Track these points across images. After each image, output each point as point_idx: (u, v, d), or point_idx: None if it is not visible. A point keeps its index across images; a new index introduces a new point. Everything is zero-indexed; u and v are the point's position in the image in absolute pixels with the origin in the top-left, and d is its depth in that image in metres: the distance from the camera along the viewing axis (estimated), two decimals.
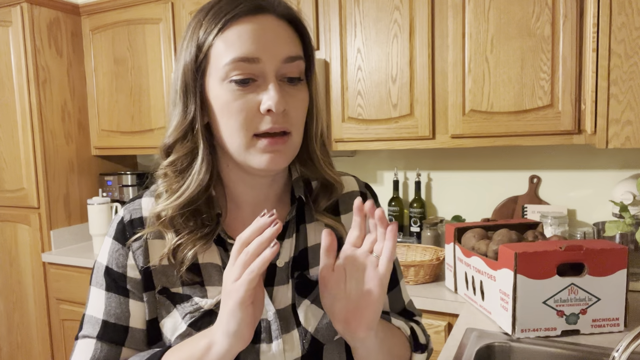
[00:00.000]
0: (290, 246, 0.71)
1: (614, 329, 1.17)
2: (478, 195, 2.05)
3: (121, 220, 0.70)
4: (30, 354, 2.46)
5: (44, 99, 2.30)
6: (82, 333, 0.69)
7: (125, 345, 0.68)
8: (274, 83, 0.61)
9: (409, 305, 0.83)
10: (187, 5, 2.18)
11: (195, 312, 0.67)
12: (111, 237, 0.70)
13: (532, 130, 1.62)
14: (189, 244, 0.66)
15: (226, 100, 0.62)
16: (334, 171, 0.75)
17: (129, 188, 2.49)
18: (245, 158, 0.64)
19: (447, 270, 1.57)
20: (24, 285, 2.43)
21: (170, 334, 0.68)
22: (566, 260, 1.14)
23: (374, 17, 1.82)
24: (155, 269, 0.68)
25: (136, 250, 0.68)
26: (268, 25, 0.62)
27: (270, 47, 0.61)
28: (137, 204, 0.71)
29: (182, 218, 0.66)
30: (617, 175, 1.82)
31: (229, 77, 0.61)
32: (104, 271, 0.69)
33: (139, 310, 0.69)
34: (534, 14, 1.58)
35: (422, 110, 1.78)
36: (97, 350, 0.67)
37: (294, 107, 0.64)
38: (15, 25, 2.24)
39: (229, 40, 0.61)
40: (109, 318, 0.68)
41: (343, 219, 0.76)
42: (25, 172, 2.31)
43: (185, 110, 0.64)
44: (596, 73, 1.31)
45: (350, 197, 0.77)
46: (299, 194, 0.72)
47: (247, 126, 0.62)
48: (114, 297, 0.68)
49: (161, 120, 2.31)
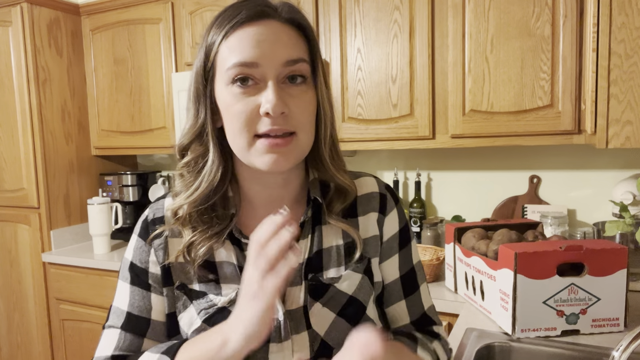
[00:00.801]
0: (305, 247, 0.72)
1: (614, 329, 1.17)
2: (478, 195, 2.05)
3: (145, 219, 0.75)
4: (30, 354, 2.46)
5: (44, 99, 2.30)
6: (109, 323, 0.74)
7: (146, 336, 0.72)
8: (273, 86, 0.62)
9: (429, 311, 0.80)
10: (187, 5, 2.18)
11: (209, 308, 0.69)
12: (136, 234, 0.75)
13: (532, 130, 1.62)
14: (202, 241, 0.69)
15: (230, 103, 0.64)
16: (345, 176, 0.74)
17: (129, 188, 2.49)
18: (249, 159, 0.66)
19: (447, 270, 1.57)
20: (24, 285, 2.43)
21: (187, 328, 0.70)
22: (566, 260, 1.15)
23: (374, 17, 1.82)
24: (174, 265, 0.71)
25: (157, 247, 0.72)
26: (269, 30, 0.63)
27: (270, 51, 0.63)
28: (161, 204, 0.75)
29: (197, 215, 0.69)
30: (617, 175, 1.82)
31: (231, 81, 0.64)
32: (129, 266, 0.74)
33: (160, 303, 0.72)
34: (534, 14, 1.58)
35: (422, 110, 1.78)
36: (121, 340, 0.71)
37: (298, 107, 0.64)
38: (15, 25, 2.24)
39: (231, 46, 0.63)
40: (132, 310, 0.72)
41: (361, 220, 0.76)
42: (25, 172, 2.31)
43: (197, 115, 0.68)
44: (596, 73, 1.31)
45: (369, 199, 0.77)
46: (315, 195, 0.73)
47: (248, 127, 0.64)
48: (137, 290, 0.73)
49: (161, 120, 2.31)
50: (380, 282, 0.77)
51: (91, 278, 2.24)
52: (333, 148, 0.72)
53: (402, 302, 0.78)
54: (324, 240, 0.73)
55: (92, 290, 2.25)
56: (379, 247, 0.76)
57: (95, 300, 2.25)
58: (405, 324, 0.79)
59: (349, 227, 0.72)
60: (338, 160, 0.73)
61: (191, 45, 2.21)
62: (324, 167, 0.72)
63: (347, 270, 0.72)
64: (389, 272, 0.77)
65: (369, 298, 0.73)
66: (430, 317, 0.80)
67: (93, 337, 2.30)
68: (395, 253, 0.78)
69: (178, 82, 2.15)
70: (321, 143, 0.70)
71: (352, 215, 0.76)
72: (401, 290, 0.78)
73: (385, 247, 0.77)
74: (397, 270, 0.78)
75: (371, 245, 0.75)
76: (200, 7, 2.15)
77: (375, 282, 0.75)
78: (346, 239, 0.73)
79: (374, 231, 0.76)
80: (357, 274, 0.73)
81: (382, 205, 0.77)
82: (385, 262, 0.77)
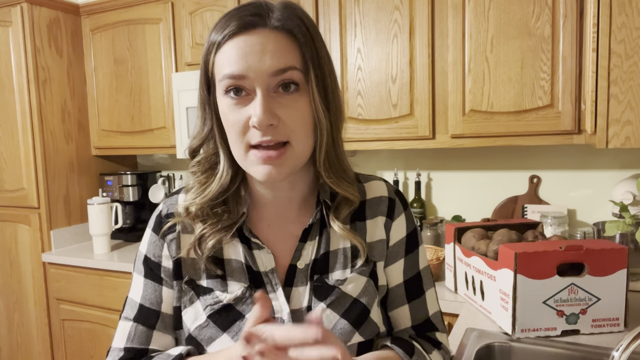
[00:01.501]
0: (312, 248, 0.72)
1: (614, 329, 1.17)
2: (478, 195, 2.05)
3: (159, 214, 0.77)
4: (30, 354, 2.46)
5: (44, 99, 2.30)
6: (124, 314, 0.76)
7: (155, 328, 0.74)
8: (261, 99, 0.62)
9: (433, 317, 0.80)
10: (187, 5, 2.18)
11: (215, 304, 0.70)
12: (150, 228, 0.77)
13: (532, 130, 1.62)
14: (212, 234, 0.70)
15: (225, 113, 0.66)
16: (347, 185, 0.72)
17: (129, 188, 2.49)
18: (246, 168, 0.67)
19: (447, 270, 1.57)
20: (24, 285, 2.43)
21: (190, 322, 0.71)
22: (566, 260, 1.15)
23: (374, 17, 1.82)
24: (185, 260, 0.73)
25: (170, 242, 0.74)
26: (257, 41, 0.63)
27: (256, 62, 0.62)
28: (174, 199, 0.77)
29: (209, 209, 0.71)
30: (617, 175, 1.82)
31: (225, 92, 0.65)
32: (143, 259, 0.76)
33: (170, 297, 0.74)
34: (534, 14, 1.58)
35: (422, 110, 1.78)
36: (132, 332, 0.74)
37: (289, 116, 0.64)
38: (15, 25, 2.24)
39: (223, 57, 0.64)
40: (144, 302, 0.74)
41: (368, 224, 0.76)
42: (25, 172, 2.31)
43: (204, 122, 0.70)
44: (596, 73, 1.31)
45: (378, 203, 0.77)
46: (324, 198, 0.73)
47: (242, 138, 0.65)
48: (150, 283, 0.75)
49: (161, 120, 2.32)
50: (385, 285, 0.77)
51: (91, 278, 2.24)
52: (334, 156, 0.70)
53: (406, 306, 0.78)
54: (332, 242, 0.73)
55: (92, 290, 2.25)
56: (384, 251, 0.76)
57: (95, 300, 2.25)
58: (406, 327, 0.79)
59: (352, 236, 0.72)
60: (339, 169, 0.72)
61: (191, 45, 2.21)
62: (322, 176, 0.71)
63: (353, 273, 0.72)
64: (393, 276, 0.78)
65: (373, 301, 0.73)
66: (433, 324, 0.80)
67: (93, 337, 2.30)
68: (401, 258, 0.78)
69: (178, 82, 2.15)
70: (316, 152, 0.69)
71: (361, 219, 0.76)
72: (404, 295, 0.78)
73: (391, 251, 0.77)
74: (401, 275, 0.78)
75: (377, 249, 0.76)
76: (200, 7, 2.15)
77: (380, 285, 0.75)
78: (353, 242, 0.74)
79: (381, 235, 0.76)
80: (362, 277, 0.73)
81: (390, 209, 0.77)
82: (390, 266, 0.77)
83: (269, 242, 0.73)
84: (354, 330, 0.70)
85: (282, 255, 0.73)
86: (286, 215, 0.75)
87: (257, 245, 0.72)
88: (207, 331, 0.69)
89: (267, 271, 0.71)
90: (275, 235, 0.74)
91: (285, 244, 0.73)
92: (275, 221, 0.74)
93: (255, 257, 0.71)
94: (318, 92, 0.66)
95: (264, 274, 0.71)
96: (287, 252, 0.73)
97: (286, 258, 0.73)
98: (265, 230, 0.74)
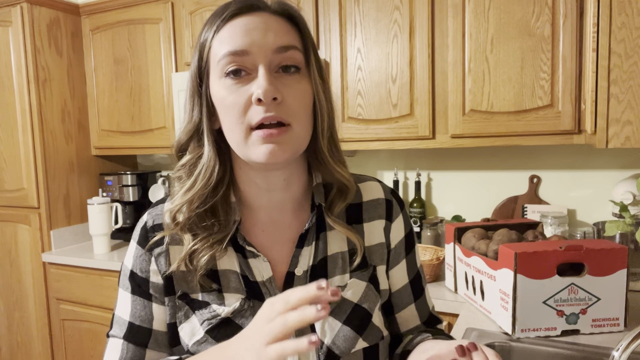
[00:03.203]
0: (310, 254, 0.70)
1: (614, 328, 1.17)
2: (478, 195, 2.05)
3: (144, 226, 0.72)
4: (30, 354, 2.46)
5: (44, 99, 2.30)
6: (112, 332, 0.73)
7: (148, 347, 0.71)
8: (264, 72, 0.61)
9: (433, 311, 0.83)
10: (187, 5, 2.18)
11: (212, 319, 0.67)
12: (135, 241, 0.72)
13: (532, 130, 1.62)
14: (204, 250, 0.66)
15: (223, 96, 0.63)
16: (345, 171, 0.72)
17: (129, 188, 2.49)
18: (246, 153, 0.64)
19: (447, 270, 1.57)
20: (24, 285, 2.43)
21: (188, 339, 0.68)
22: (566, 260, 1.14)
23: (374, 17, 1.82)
24: (175, 274, 0.69)
25: (158, 256, 0.70)
26: (259, 19, 0.63)
27: (260, 38, 0.62)
28: (160, 209, 0.73)
29: (197, 219, 0.67)
30: (617, 175, 1.82)
31: (223, 73, 0.63)
32: (129, 275, 0.72)
33: (162, 313, 0.71)
34: (534, 14, 1.58)
35: (422, 110, 1.78)
36: (124, 351, 0.70)
37: (291, 96, 0.63)
38: (15, 25, 2.24)
39: (222, 38, 0.63)
40: (134, 320, 0.71)
41: (366, 227, 0.75)
42: (25, 172, 2.31)
43: (192, 114, 0.67)
44: (596, 73, 1.31)
45: (375, 205, 0.76)
46: (319, 201, 0.71)
47: (243, 119, 0.62)
48: (138, 300, 0.71)
49: (161, 120, 2.31)
50: (387, 289, 0.76)
51: (91, 278, 2.24)
52: (332, 142, 0.70)
53: (412, 305, 0.79)
54: (329, 247, 0.72)
55: (92, 290, 2.25)
56: (385, 255, 0.75)
57: (95, 300, 2.25)
58: (416, 325, 0.79)
59: (349, 232, 0.71)
60: (337, 155, 0.72)
61: (191, 45, 2.21)
62: (324, 162, 0.70)
63: (352, 279, 0.71)
64: (398, 278, 0.77)
65: (374, 306, 0.72)
66: (435, 317, 0.82)
67: (93, 337, 2.30)
68: (403, 259, 0.78)
69: (178, 82, 2.15)
70: (319, 136, 0.68)
71: (358, 222, 0.75)
72: (411, 295, 0.78)
73: (393, 253, 0.77)
74: (405, 276, 0.78)
75: (377, 253, 0.75)
76: (200, 7, 2.15)
77: (382, 289, 0.75)
78: (350, 245, 0.73)
79: (380, 239, 0.75)
80: (362, 282, 0.72)
81: (388, 211, 0.76)
82: (394, 269, 0.77)
83: (264, 248, 0.70)
84: (357, 336, 0.69)
85: (278, 262, 0.70)
86: (280, 219, 0.72)
87: (253, 253, 0.69)
88: (207, 347, 0.66)
89: (265, 281, 0.69)
90: (270, 240, 0.71)
91: (281, 249, 0.71)
92: (270, 226, 0.72)
93: (251, 266, 0.69)
94: (319, 75, 0.66)
95: (262, 284, 0.69)
96: (283, 258, 0.71)
97: (283, 265, 0.70)
98: (259, 235, 0.71)
